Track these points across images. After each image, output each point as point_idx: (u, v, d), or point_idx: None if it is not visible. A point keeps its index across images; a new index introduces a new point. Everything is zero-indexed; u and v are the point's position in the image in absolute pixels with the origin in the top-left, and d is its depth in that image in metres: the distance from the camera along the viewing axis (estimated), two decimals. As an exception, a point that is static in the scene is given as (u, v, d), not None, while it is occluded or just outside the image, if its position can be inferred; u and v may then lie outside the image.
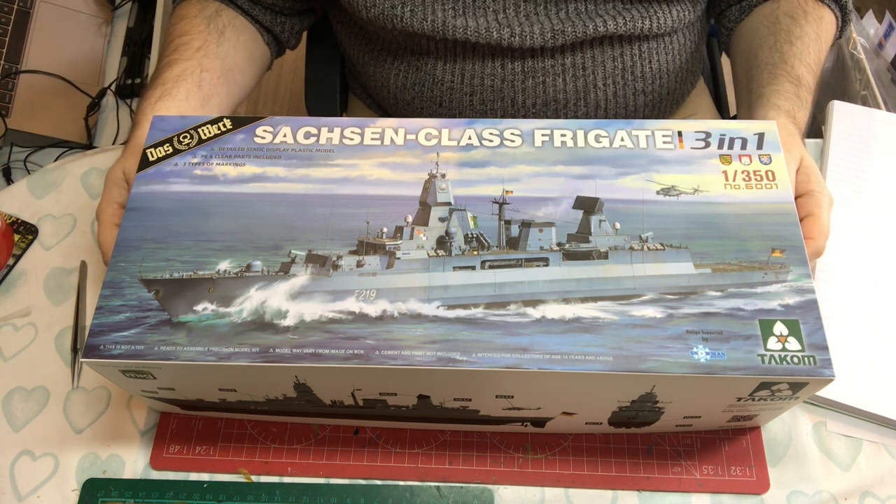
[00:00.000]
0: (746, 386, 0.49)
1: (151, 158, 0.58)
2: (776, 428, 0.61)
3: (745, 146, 0.57)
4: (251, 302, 0.51)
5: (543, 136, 0.58)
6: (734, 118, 0.97)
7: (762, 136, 0.58)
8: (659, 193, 0.55)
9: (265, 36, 0.82)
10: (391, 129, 0.59)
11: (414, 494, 0.59)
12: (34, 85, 1.23)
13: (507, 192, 0.56)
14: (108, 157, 0.80)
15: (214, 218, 0.56)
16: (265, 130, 0.60)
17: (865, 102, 0.93)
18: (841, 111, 0.77)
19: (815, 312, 0.50)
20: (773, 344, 0.48)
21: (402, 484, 0.60)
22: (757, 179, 0.56)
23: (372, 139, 0.59)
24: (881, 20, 1.02)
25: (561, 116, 0.80)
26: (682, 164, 0.57)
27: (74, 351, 0.67)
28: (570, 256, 0.54)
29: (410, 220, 0.55)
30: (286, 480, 0.61)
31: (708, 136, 0.58)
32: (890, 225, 0.70)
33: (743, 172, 0.56)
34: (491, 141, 0.58)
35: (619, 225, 0.54)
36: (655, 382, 0.49)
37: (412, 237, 0.54)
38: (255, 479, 0.61)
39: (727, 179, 0.56)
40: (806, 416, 0.62)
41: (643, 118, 0.85)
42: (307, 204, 0.56)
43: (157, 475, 0.61)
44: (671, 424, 0.58)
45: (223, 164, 0.58)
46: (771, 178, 0.56)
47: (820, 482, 0.59)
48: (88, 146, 1.23)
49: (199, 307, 0.51)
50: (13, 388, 0.66)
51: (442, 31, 0.74)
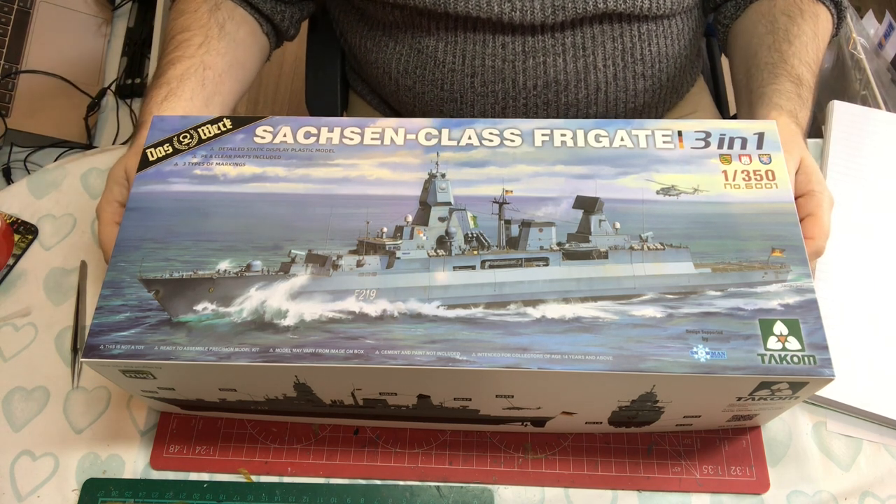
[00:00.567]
0: (746, 385, 0.49)
1: (151, 158, 0.58)
2: (776, 428, 0.61)
3: (744, 146, 0.57)
4: (251, 302, 0.51)
5: (543, 135, 0.58)
6: (734, 117, 0.97)
7: (762, 135, 0.58)
8: (659, 193, 0.55)
9: (264, 26, 0.81)
10: (391, 128, 0.59)
11: (414, 494, 0.59)
12: (34, 85, 1.23)
13: (507, 191, 0.56)
14: (108, 157, 0.80)
15: (214, 218, 0.56)
16: (265, 130, 0.60)
17: (865, 102, 0.93)
18: (841, 111, 0.77)
19: (815, 312, 0.50)
20: (773, 343, 0.48)
21: (402, 484, 0.60)
22: (757, 179, 0.56)
23: (372, 139, 0.59)
24: (881, 20, 1.02)
25: (562, 99, 0.80)
26: (682, 163, 0.57)
27: (74, 351, 0.67)
28: (570, 256, 0.54)
29: (410, 219, 0.55)
30: (286, 480, 0.61)
31: (708, 135, 0.58)
32: (890, 225, 0.70)
33: (743, 172, 0.56)
34: (491, 141, 0.58)
35: (619, 225, 0.54)
36: (655, 382, 0.49)
37: (412, 237, 0.54)
38: (255, 479, 0.61)
39: (727, 179, 0.56)
40: (806, 416, 0.62)
41: (643, 104, 0.84)
42: (307, 204, 0.56)
43: (157, 475, 0.61)
44: (671, 424, 0.58)
45: (223, 163, 0.58)
46: (771, 177, 0.56)
47: (820, 482, 0.59)
48: (88, 146, 1.23)
49: (199, 307, 0.51)
50: (13, 388, 0.66)
51: (444, 5, 0.74)
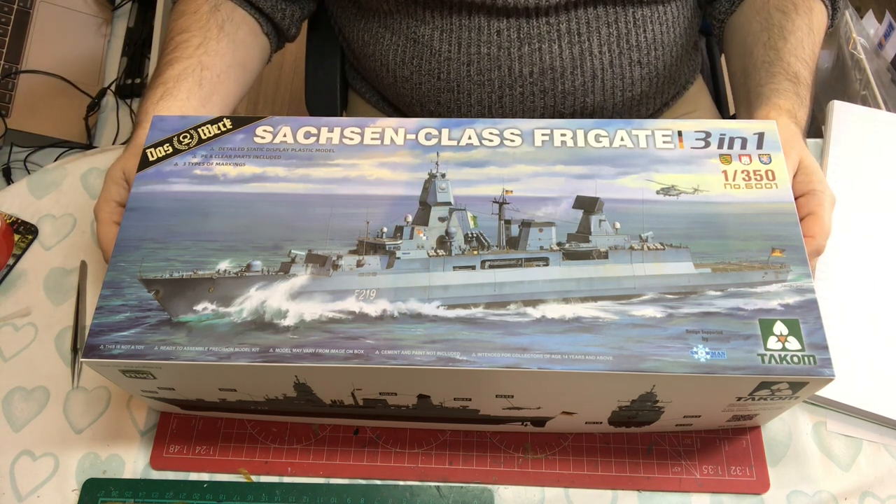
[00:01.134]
0: (746, 385, 0.49)
1: (151, 158, 0.58)
2: (776, 428, 0.61)
3: (744, 146, 0.57)
4: (251, 302, 0.51)
5: (543, 135, 0.58)
6: (734, 117, 0.97)
7: (762, 135, 0.58)
8: (659, 193, 0.55)
9: (265, 26, 0.81)
10: (391, 128, 0.59)
11: (414, 494, 0.59)
12: (34, 85, 1.23)
13: (507, 191, 0.56)
14: (108, 157, 0.80)
15: (214, 218, 0.56)
16: (265, 130, 0.60)
17: (865, 102, 0.93)
18: (841, 111, 0.77)
19: (815, 312, 0.50)
20: (773, 343, 0.48)
21: (402, 484, 0.60)
22: (757, 179, 0.56)
23: (372, 139, 0.59)
24: (881, 20, 1.02)
25: (558, 86, 0.80)
26: (681, 163, 0.57)
27: (74, 351, 0.67)
28: (570, 256, 0.54)
29: (410, 219, 0.55)
30: (286, 480, 0.61)
31: (708, 135, 0.58)
32: (890, 225, 0.70)
33: (743, 172, 0.56)
34: (491, 141, 0.58)
35: (619, 224, 0.54)
36: (655, 382, 0.49)
37: (412, 237, 0.54)
38: (255, 479, 0.61)
39: (727, 179, 0.56)
40: (806, 416, 0.62)
41: (641, 92, 0.84)
42: (307, 204, 0.56)
43: (157, 475, 0.61)
44: (671, 424, 0.58)
45: (223, 163, 0.58)
46: (771, 177, 0.56)
47: (820, 482, 0.59)
48: (88, 146, 1.23)
49: (199, 307, 0.51)
50: (13, 388, 0.66)
51: None
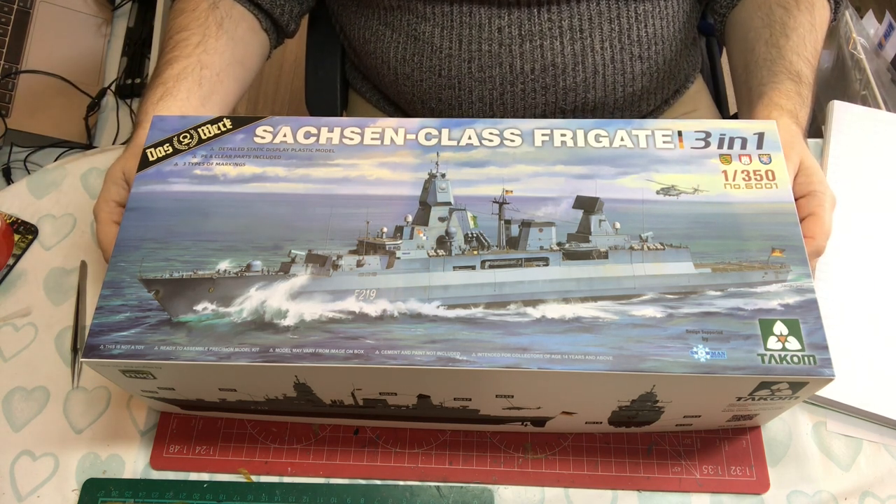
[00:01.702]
0: (746, 385, 0.49)
1: (151, 158, 0.58)
2: (776, 428, 0.61)
3: (744, 146, 0.57)
4: (251, 302, 0.51)
5: (543, 135, 0.58)
6: (734, 117, 0.97)
7: (762, 135, 0.58)
8: (659, 193, 0.55)
9: (264, 21, 0.81)
10: (391, 128, 0.59)
11: (414, 494, 0.59)
12: (34, 85, 1.23)
13: (507, 191, 0.56)
14: (108, 157, 0.80)
15: (214, 218, 0.56)
16: (265, 130, 0.60)
17: (865, 102, 0.93)
18: (841, 111, 0.77)
19: (815, 312, 0.50)
20: (773, 343, 0.48)
21: (402, 484, 0.60)
22: (757, 179, 0.56)
23: (372, 139, 0.59)
24: (881, 20, 1.02)
25: (559, 82, 0.80)
26: (682, 163, 0.57)
27: (74, 351, 0.67)
28: (570, 256, 0.54)
29: (410, 219, 0.55)
30: (286, 480, 0.61)
31: (708, 135, 0.58)
32: (890, 225, 0.70)
33: (743, 172, 0.56)
34: (491, 141, 0.58)
35: (619, 225, 0.54)
36: (655, 382, 0.49)
37: (412, 237, 0.54)
38: (255, 479, 0.61)
39: (727, 179, 0.56)
40: (806, 416, 0.62)
41: (641, 88, 0.84)
42: (307, 204, 0.56)
43: (157, 475, 0.61)
44: (671, 424, 0.58)
45: (223, 164, 0.58)
46: (771, 177, 0.56)
47: (820, 482, 0.59)
48: (88, 146, 1.23)
49: (199, 307, 0.51)
50: (13, 388, 0.66)
51: None
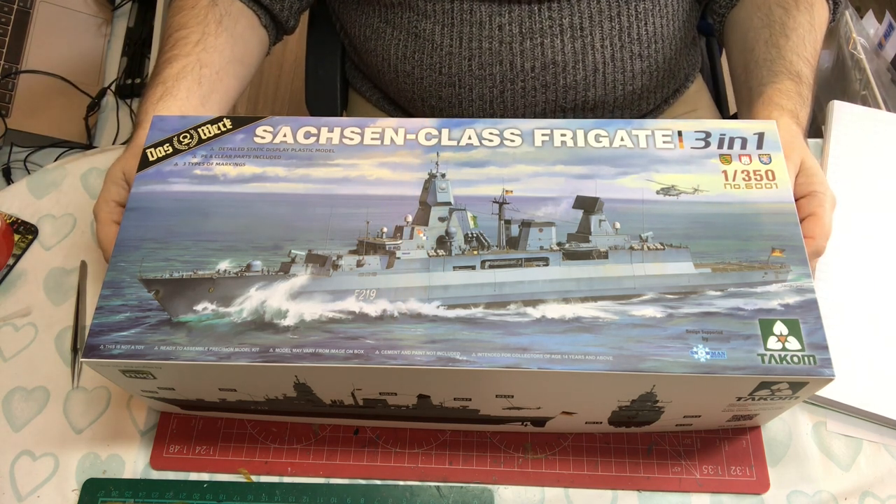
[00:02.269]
0: (746, 385, 0.49)
1: (151, 158, 0.58)
2: (776, 428, 0.61)
3: (744, 146, 0.57)
4: (251, 302, 0.51)
5: (543, 135, 0.58)
6: (734, 117, 0.97)
7: (762, 135, 0.58)
8: (659, 193, 0.55)
9: (263, 18, 0.81)
10: (391, 128, 0.59)
11: (414, 494, 0.59)
12: (34, 85, 1.23)
13: (507, 191, 0.56)
14: (108, 157, 0.80)
15: (214, 218, 0.56)
16: (265, 130, 0.60)
17: (865, 102, 0.93)
18: (841, 111, 0.77)
19: (815, 312, 0.50)
20: (773, 343, 0.48)
21: (402, 484, 0.60)
22: (757, 179, 0.56)
23: (372, 139, 0.59)
24: (881, 20, 1.02)
25: (560, 80, 0.80)
26: (681, 163, 0.57)
27: (74, 351, 0.67)
28: (570, 256, 0.54)
29: (410, 219, 0.55)
30: (286, 480, 0.61)
31: (708, 135, 0.58)
32: (890, 225, 0.70)
33: (743, 172, 0.56)
34: (491, 141, 0.58)
35: (619, 225, 0.54)
36: (655, 382, 0.49)
37: (412, 237, 0.54)
38: (255, 479, 0.61)
39: (727, 179, 0.56)
40: (806, 416, 0.62)
41: (641, 86, 0.84)
42: (307, 204, 0.56)
43: (157, 475, 0.61)
44: (671, 424, 0.58)
45: (223, 163, 0.58)
46: (771, 177, 0.56)
47: (820, 482, 0.59)
48: (88, 146, 1.23)
49: (199, 307, 0.51)
50: (13, 388, 0.66)
51: None
